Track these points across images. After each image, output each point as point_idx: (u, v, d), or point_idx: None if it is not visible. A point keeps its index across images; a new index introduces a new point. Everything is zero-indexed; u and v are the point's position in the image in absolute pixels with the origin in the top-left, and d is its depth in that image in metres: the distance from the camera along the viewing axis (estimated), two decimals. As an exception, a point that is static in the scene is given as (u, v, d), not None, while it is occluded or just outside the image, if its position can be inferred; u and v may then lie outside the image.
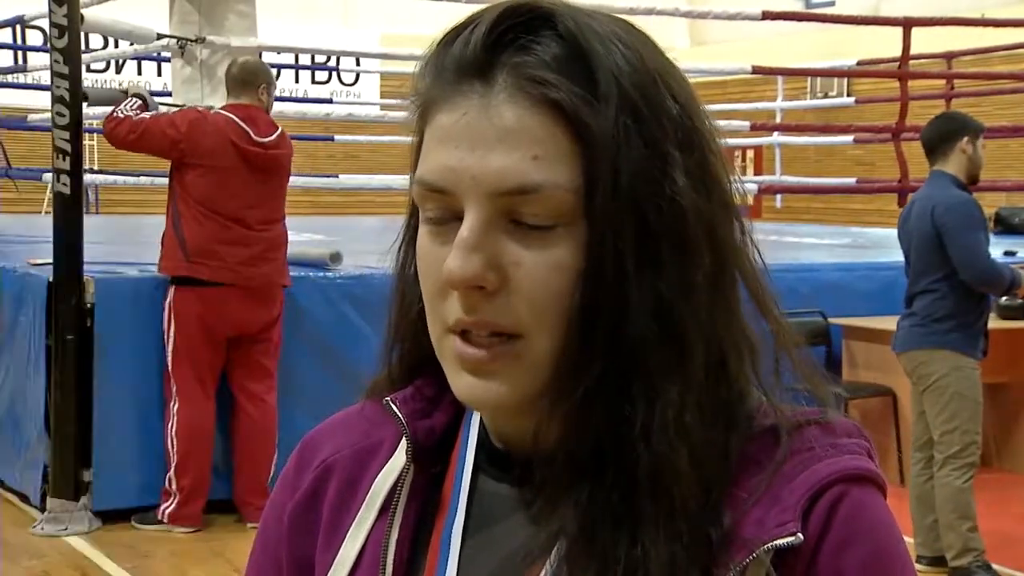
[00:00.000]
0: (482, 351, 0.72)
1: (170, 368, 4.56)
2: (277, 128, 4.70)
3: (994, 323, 5.16)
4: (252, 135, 4.57)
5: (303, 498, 0.84)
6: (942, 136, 4.16)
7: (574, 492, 0.71)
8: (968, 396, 4.08)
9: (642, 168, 0.70)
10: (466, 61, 0.72)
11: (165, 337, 4.57)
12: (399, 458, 0.81)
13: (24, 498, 4.91)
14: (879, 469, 0.74)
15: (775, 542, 0.69)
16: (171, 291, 4.57)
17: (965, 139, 4.10)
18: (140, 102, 4.65)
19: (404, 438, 0.80)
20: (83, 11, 5.02)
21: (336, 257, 5.15)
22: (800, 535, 0.69)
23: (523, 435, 0.74)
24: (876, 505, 0.73)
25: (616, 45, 0.72)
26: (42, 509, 4.69)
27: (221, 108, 4.70)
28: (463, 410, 0.81)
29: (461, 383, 0.73)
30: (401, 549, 0.79)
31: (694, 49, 14.74)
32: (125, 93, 4.78)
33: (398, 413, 0.80)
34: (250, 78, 4.70)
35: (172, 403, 4.56)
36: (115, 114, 4.59)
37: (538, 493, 0.73)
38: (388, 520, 0.79)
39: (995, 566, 4.19)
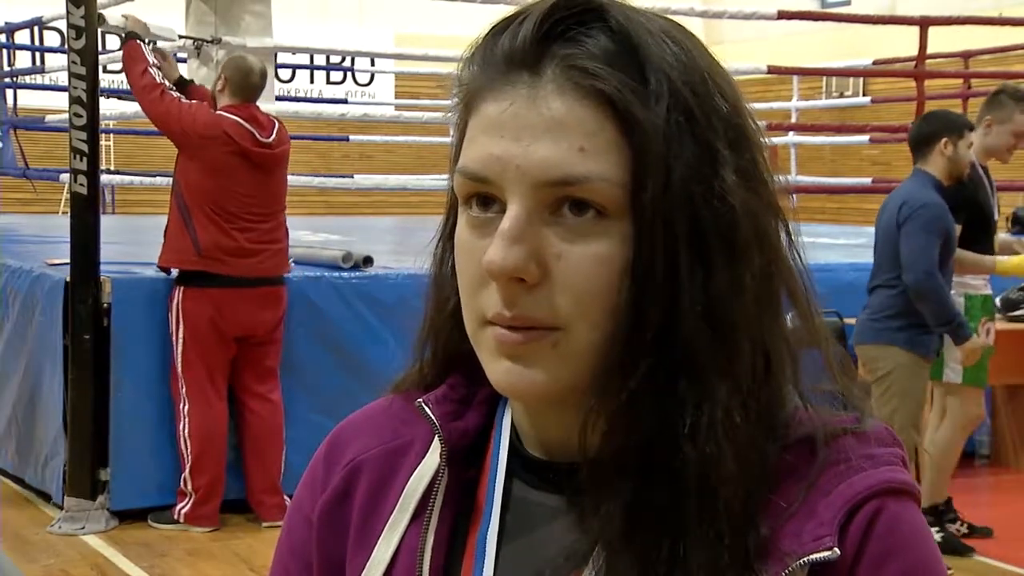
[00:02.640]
0: (519, 334, 0.70)
1: (179, 369, 4.56)
2: (275, 124, 4.69)
3: (1009, 325, 5.14)
4: (257, 136, 4.57)
5: (332, 497, 0.83)
6: (921, 138, 4.17)
7: (619, 492, 0.70)
8: (911, 394, 4.07)
9: (693, 166, 0.69)
10: (515, 52, 0.71)
11: (173, 338, 4.56)
12: (431, 460, 0.79)
13: (42, 497, 4.94)
14: (912, 479, 0.74)
15: (812, 556, 0.69)
16: (178, 292, 4.55)
17: (943, 141, 4.09)
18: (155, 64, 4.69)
19: (438, 440, 0.78)
20: (100, 12, 5.04)
21: (348, 257, 5.14)
22: (837, 550, 0.69)
23: (568, 434, 0.73)
24: (912, 518, 0.72)
25: (666, 42, 0.71)
26: (60, 508, 4.71)
27: (225, 109, 4.59)
28: (495, 412, 0.80)
29: (498, 369, 0.72)
30: (437, 554, 0.77)
31: (709, 48, 14.66)
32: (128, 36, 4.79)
33: (431, 415, 0.78)
34: (264, 84, 4.72)
35: (182, 404, 4.56)
36: (148, 77, 4.61)
37: (582, 495, 0.72)
38: (423, 524, 0.78)
39: (1012, 567, 4.18)
